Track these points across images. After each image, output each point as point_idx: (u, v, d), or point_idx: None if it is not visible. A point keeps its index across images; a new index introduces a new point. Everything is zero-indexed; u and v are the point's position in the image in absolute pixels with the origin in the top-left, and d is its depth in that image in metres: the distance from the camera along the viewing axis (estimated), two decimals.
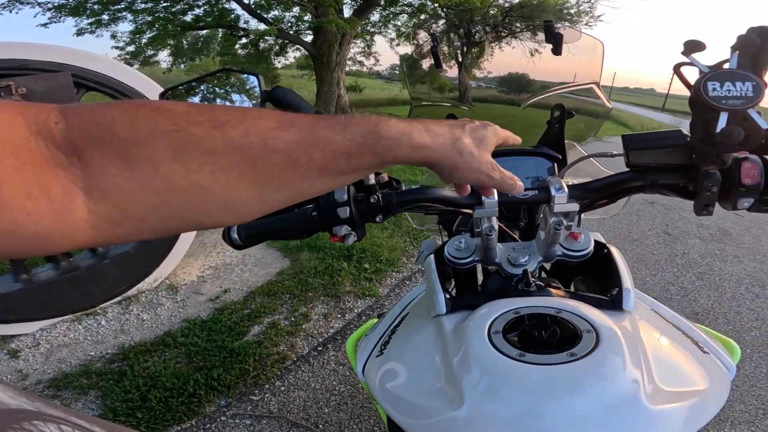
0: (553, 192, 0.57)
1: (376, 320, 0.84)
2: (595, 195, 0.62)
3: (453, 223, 0.87)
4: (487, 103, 1.04)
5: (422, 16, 13.08)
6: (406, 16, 12.61)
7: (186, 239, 2.50)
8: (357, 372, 0.64)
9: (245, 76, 0.63)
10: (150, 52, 10.71)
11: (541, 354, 0.41)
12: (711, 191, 0.54)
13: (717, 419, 1.77)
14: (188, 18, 9.53)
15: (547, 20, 0.86)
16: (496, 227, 0.58)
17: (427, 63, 0.90)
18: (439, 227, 0.94)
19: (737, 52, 0.50)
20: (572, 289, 0.75)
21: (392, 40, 13.92)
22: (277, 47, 11.46)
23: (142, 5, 9.00)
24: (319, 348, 2.06)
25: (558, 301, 0.50)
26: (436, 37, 0.85)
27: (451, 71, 0.99)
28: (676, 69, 0.52)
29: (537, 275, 0.66)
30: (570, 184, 0.60)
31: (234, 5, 9.63)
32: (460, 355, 0.44)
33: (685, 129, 0.56)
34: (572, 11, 14.29)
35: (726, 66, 0.50)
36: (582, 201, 0.60)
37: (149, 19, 9.26)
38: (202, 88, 0.64)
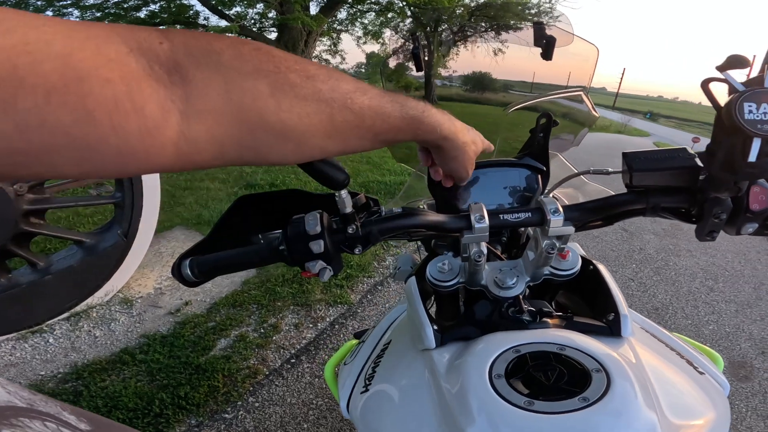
0: (548, 215, 0.53)
1: (354, 342, 0.79)
2: (592, 217, 0.58)
3: (433, 238, 0.82)
4: (467, 103, 1.01)
5: (390, 15, 13.08)
6: (374, 14, 12.56)
7: (139, 250, 2.34)
8: (341, 407, 0.60)
9: None
10: None
11: (551, 401, 0.38)
12: (720, 218, 0.51)
13: None
14: (142, 14, 9.06)
15: (538, 21, 0.83)
16: (485, 251, 0.55)
17: (402, 65, 0.87)
18: (417, 243, 0.90)
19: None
20: (553, 305, 0.72)
21: (359, 38, 13.84)
22: None
23: (91, 1, 8.48)
24: (292, 360, 1.98)
25: (559, 335, 0.47)
26: (417, 39, 0.80)
27: (431, 73, 0.95)
28: (705, 85, 0.47)
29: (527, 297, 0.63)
30: (564, 204, 0.57)
31: (194, 1, 9.26)
32: (461, 403, 0.41)
33: (674, 143, 0.53)
34: (533, 11, 14.74)
35: (766, 84, 0.44)
36: (577, 223, 0.57)
37: (98, 15, 8.72)
38: None
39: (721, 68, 0.45)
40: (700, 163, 0.50)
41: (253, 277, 2.63)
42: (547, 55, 0.77)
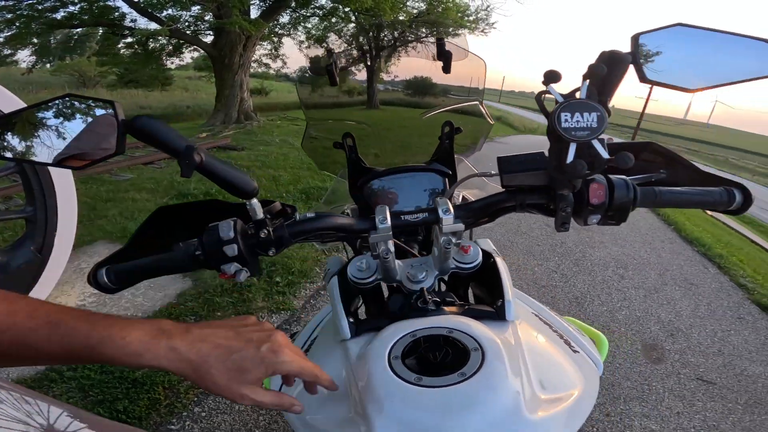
0: (441, 214, 0.60)
1: None
2: (477, 215, 0.66)
3: (356, 239, 0.86)
4: (387, 106, 1.06)
5: (333, 20, 13.05)
6: (317, 18, 12.46)
7: (56, 266, 2.21)
8: None
9: (97, 102, 0.54)
10: (6, 51, 9.24)
11: (437, 376, 0.44)
12: (566, 211, 0.58)
13: (610, 397, 2.01)
14: (59, 15, 8.37)
15: (440, 37, 0.89)
16: (392, 249, 0.60)
17: (323, 78, 0.89)
18: (342, 244, 0.94)
19: (587, 81, 0.52)
20: (471, 294, 0.79)
21: (301, 42, 13.66)
22: (170, 47, 10.61)
23: (2, 2, 7.73)
24: None
25: (450, 320, 0.53)
26: (332, 54, 0.85)
27: (348, 84, 1.01)
28: (538, 98, 0.54)
29: (437, 289, 0.70)
30: (456, 204, 0.64)
31: (119, 2, 8.72)
32: (364, 383, 0.47)
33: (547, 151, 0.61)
34: (471, 18, 15.39)
35: (577, 95, 0.51)
36: (466, 220, 0.64)
37: (9, 16, 7.96)
38: (42, 115, 0.54)
39: (544, 83, 0.52)
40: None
41: (189, 289, 2.57)
42: (446, 68, 0.84)
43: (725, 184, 0.59)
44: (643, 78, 0.57)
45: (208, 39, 9.91)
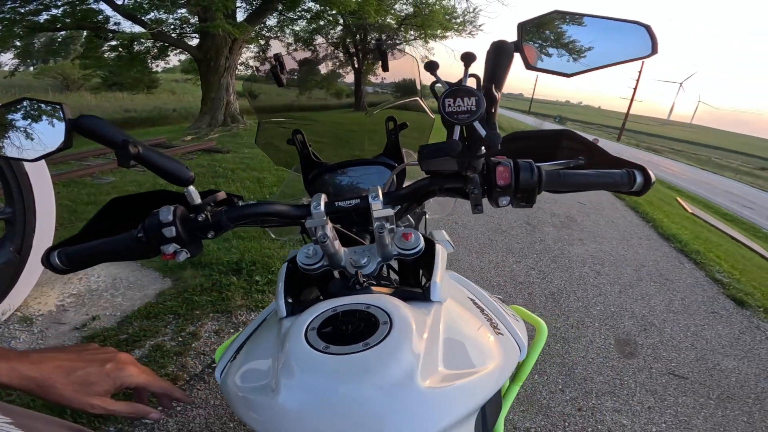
0: (370, 200, 0.64)
1: None
2: (404, 200, 0.70)
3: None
4: (332, 110, 1.10)
5: (321, 22, 13.09)
6: (305, 21, 12.49)
7: (35, 267, 2.22)
8: (215, 377, 0.66)
9: (48, 105, 0.60)
10: None
11: (344, 345, 0.47)
12: (474, 193, 0.63)
13: (582, 392, 2.03)
14: (42, 18, 8.27)
15: (378, 39, 0.94)
16: (329, 234, 0.63)
17: (272, 81, 0.91)
18: (302, 236, 0.96)
19: (467, 67, 0.57)
20: (423, 281, 0.81)
21: (289, 44, 13.66)
22: (156, 50, 10.54)
23: None
24: (214, 365, 1.99)
25: (372, 298, 0.56)
26: (279, 59, 0.87)
27: (295, 85, 1.04)
28: (432, 87, 0.59)
29: (386, 274, 0.73)
30: (385, 192, 0.68)
31: (103, 5, 8.63)
32: (282, 351, 0.50)
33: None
34: (458, 21, 15.56)
35: (463, 84, 0.55)
36: (395, 206, 0.67)
37: None
38: (2, 116, 0.61)
39: (429, 72, 0.58)
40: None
41: (168, 289, 2.58)
42: (384, 66, 0.88)
43: (629, 166, 0.63)
44: (527, 65, 0.61)
45: (195, 42, 9.87)
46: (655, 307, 3.03)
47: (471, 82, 0.57)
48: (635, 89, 40.66)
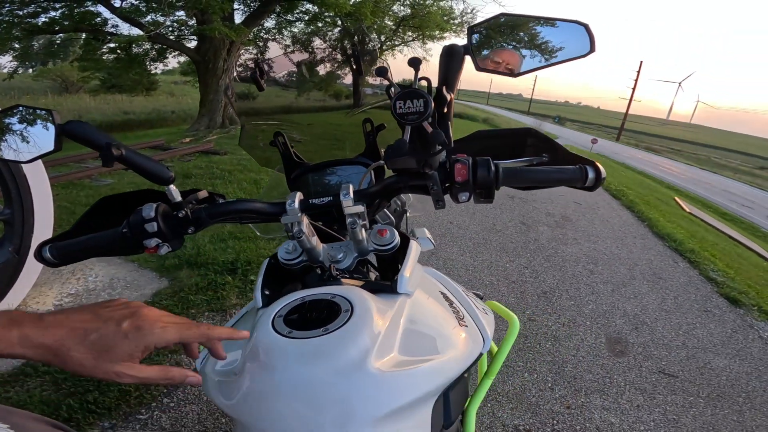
0: (341, 198, 0.66)
1: None
2: (375, 197, 0.73)
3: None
4: (314, 113, 1.13)
5: (320, 24, 13.14)
6: (303, 23, 12.53)
7: (34, 267, 2.25)
8: (197, 368, 0.68)
9: (39, 111, 0.65)
10: None
11: (305, 330, 0.50)
12: (434, 189, 0.66)
13: (572, 390, 2.04)
14: (40, 21, 8.31)
15: (353, 44, 0.97)
16: (305, 230, 0.66)
17: (252, 81, 0.92)
18: (287, 233, 1.02)
19: (416, 71, 0.59)
20: None
21: (287, 46, 13.68)
22: (154, 52, 10.58)
23: None
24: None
25: (340, 288, 0.59)
26: (259, 65, 0.90)
27: (276, 88, 1.07)
28: (387, 90, 0.61)
29: (365, 269, 0.75)
30: (357, 189, 0.71)
31: (101, 7, 8.66)
32: (251, 337, 0.53)
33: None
34: (456, 21, 15.64)
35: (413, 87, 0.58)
36: (366, 203, 0.69)
37: None
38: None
39: (379, 76, 0.60)
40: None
41: (165, 288, 2.61)
42: (359, 70, 0.92)
43: (583, 162, 0.66)
44: (477, 66, 0.65)
45: (193, 44, 9.91)
46: (648, 306, 3.05)
47: (434, 85, 0.60)
48: (634, 89, 40.69)
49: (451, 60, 0.64)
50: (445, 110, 0.63)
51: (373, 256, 0.77)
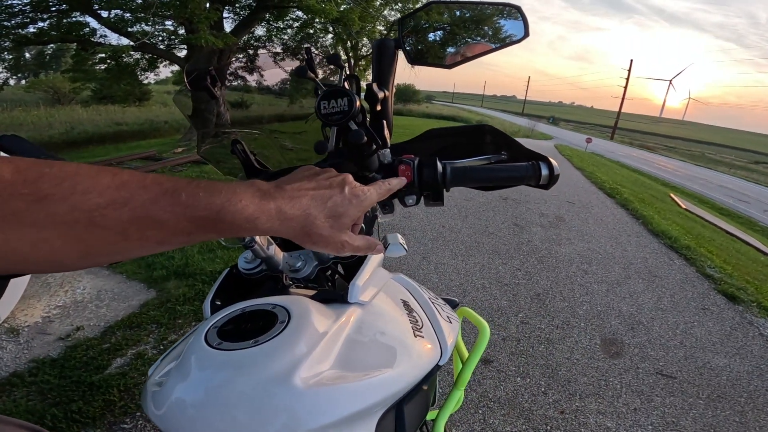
0: None
1: None
2: None
3: None
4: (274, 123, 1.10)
5: (311, 31, 13.17)
6: (293, 30, 12.55)
7: (19, 281, 2.25)
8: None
9: None
10: None
11: (235, 342, 0.48)
12: None
13: (566, 394, 2.00)
14: (29, 32, 8.28)
15: (307, 48, 0.93)
16: (257, 239, 0.64)
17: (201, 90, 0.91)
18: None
19: (342, 69, 0.57)
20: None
21: (277, 54, 13.67)
22: (145, 62, 10.55)
23: None
24: None
25: (283, 298, 0.56)
26: (211, 73, 0.86)
27: (232, 96, 1.04)
28: (316, 91, 0.59)
29: (331, 277, 0.72)
30: None
31: (89, 18, 8.64)
32: (185, 347, 0.51)
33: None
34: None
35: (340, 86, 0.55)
36: None
37: None
38: None
39: (305, 77, 0.58)
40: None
41: (152, 299, 2.57)
42: (314, 73, 0.88)
43: (537, 159, 0.62)
44: (409, 60, 0.62)
45: (183, 53, 9.90)
46: (643, 305, 3.01)
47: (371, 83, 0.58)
48: (625, 88, 40.97)
49: (382, 55, 0.61)
50: (379, 108, 0.60)
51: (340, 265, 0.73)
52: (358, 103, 0.55)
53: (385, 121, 0.61)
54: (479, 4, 0.61)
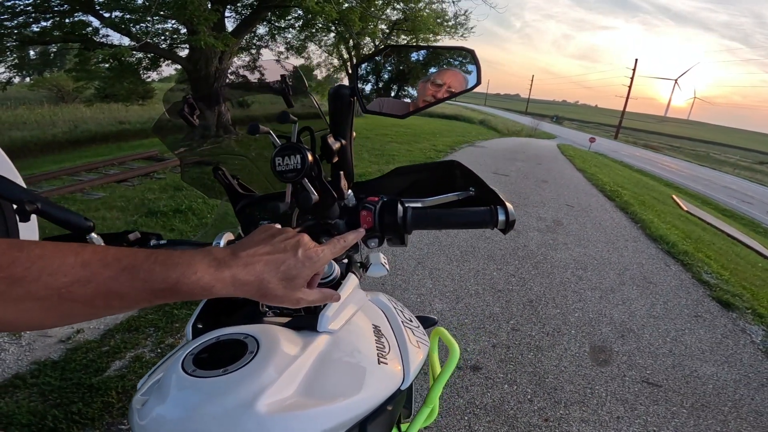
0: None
1: None
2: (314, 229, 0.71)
3: None
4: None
5: (313, 30, 13.18)
6: (296, 30, 12.57)
7: None
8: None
9: None
10: None
11: (207, 370, 0.50)
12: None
13: (551, 402, 2.02)
14: (32, 31, 8.34)
15: (282, 75, 0.93)
16: None
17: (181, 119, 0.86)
18: None
19: (295, 125, 0.57)
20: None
21: (280, 53, 13.75)
22: (147, 61, 10.60)
23: None
24: None
25: (255, 327, 0.58)
26: (188, 100, 0.84)
27: (208, 122, 1.05)
28: (270, 134, 0.60)
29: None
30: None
31: (92, 17, 8.68)
32: (165, 370, 0.54)
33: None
34: (450, 24, 15.72)
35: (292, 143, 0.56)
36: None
37: None
38: None
39: (251, 133, 0.59)
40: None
41: None
42: (287, 103, 0.80)
43: (496, 202, 0.64)
44: (363, 109, 0.64)
45: (185, 53, 9.92)
46: (636, 312, 3.02)
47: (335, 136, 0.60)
48: (630, 87, 40.70)
49: (337, 103, 0.62)
50: (334, 160, 0.62)
51: None
52: (311, 158, 0.56)
53: (342, 172, 0.63)
54: (434, 48, 0.63)
